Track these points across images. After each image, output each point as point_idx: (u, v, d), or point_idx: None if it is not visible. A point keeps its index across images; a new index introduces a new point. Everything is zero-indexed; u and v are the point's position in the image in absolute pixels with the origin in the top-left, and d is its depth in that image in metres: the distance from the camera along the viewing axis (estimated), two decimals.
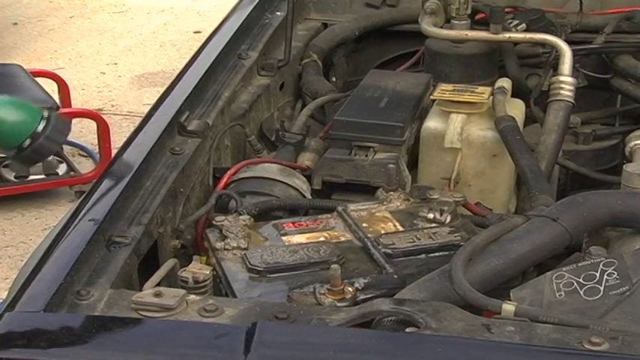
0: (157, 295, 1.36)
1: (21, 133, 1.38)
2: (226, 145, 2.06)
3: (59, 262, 1.46)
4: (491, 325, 1.30)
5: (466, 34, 2.31)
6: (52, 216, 4.15)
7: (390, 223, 1.72)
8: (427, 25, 2.32)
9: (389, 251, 1.61)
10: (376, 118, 1.98)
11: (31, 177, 4.35)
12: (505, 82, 2.09)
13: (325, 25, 2.65)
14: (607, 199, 1.60)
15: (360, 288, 1.48)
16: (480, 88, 2.04)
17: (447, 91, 2.03)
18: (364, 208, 1.77)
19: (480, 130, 1.98)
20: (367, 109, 2.03)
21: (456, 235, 1.65)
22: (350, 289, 1.46)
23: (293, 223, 1.72)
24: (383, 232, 1.68)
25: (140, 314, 1.34)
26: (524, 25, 2.32)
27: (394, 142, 1.95)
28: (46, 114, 1.40)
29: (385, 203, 1.78)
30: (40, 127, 1.39)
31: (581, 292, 1.41)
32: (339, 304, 1.44)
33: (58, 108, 4.43)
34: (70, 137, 4.80)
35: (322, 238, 1.67)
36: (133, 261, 1.54)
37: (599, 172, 2.24)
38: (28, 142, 1.38)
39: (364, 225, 1.70)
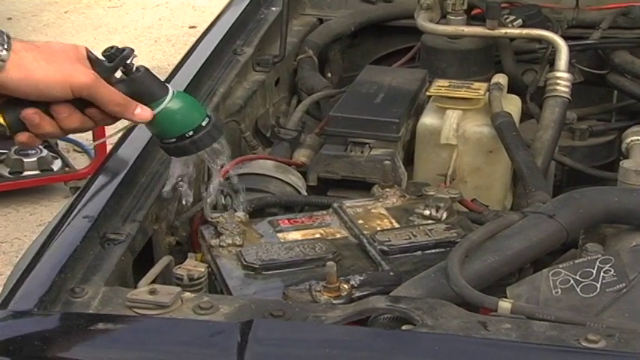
0: (152, 292, 1.35)
1: (187, 124, 1.48)
2: None
3: (53, 259, 1.45)
4: (488, 323, 1.29)
5: (462, 30, 2.30)
6: (47, 212, 4.14)
7: (385, 220, 1.71)
8: (423, 21, 2.32)
9: (385, 248, 1.60)
10: (372, 114, 1.97)
11: (26, 173, 4.35)
12: (501, 78, 2.08)
13: (321, 21, 2.65)
14: (603, 196, 1.59)
15: (355, 285, 1.47)
16: (476, 84, 2.03)
17: (443, 87, 2.02)
18: (360, 204, 1.76)
19: (476, 127, 1.98)
20: (363, 105, 2.02)
21: (452, 231, 1.65)
22: (346, 286, 1.46)
23: (288, 219, 1.72)
24: (379, 228, 1.68)
25: (134, 312, 1.34)
26: (520, 21, 2.32)
27: (390, 138, 1.94)
28: (209, 112, 1.52)
29: (381, 200, 1.78)
30: (204, 122, 1.48)
31: (578, 290, 1.40)
32: (334, 302, 1.43)
33: None
34: None
35: (318, 235, 1.67)
36: (127, 258, 1.53)
37: (595, 169, 2.24)
38: (190, 133, 1.47)
39: (360, 222, 1.70)
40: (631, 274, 1.39)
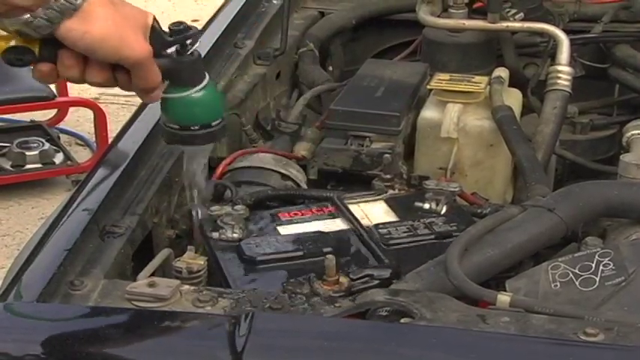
0: (151, 285, 1.36)
1: (199, 118, 1.47)
2: None
3: (53, 251, 1.45)
4: (487, 316, 1.29)
5: (463, 23, 2.30)
6: (49, 205, 4.15)
7: (385, 213, 1.71)
8: (424, 14, 2.31)
9: (384, 241, 1.60)
10: (372, 107, 1.97)
11: (28, 166, 4.35)
12: (502, 72, 2.08)
13: (322, 14, 2.64)
14: (604, 190, 1.60)
15: (354, 278, 1.47)
16: (477, 78, 2.03)
17: (444, 80, 2.02)
18: (360, 197, 1.76)
19: (477, 120, 1.97)
20: (363, 98, 2.02)
21: (451, 225, 1.65)
22: (345, 279, 1.46)
23: (288, 213, 1.72)
24: (379, 222, 1.68)
25: (134, 304, 1.34)
26: (521, 14, 2.31)
27: (390, 131, 1.94)
28: (225, 114, 1.53)
29: (381, 193, 1.78)
30: (215, 122, 1.49)
31: (577, 283, 1.41)
32: (333, 295, 1.43)
33: (54, 97, 4.43)
34: (67, 126, 4.82)
35: (318, 228, 1.67)
36: (127, 251, 1.53)
37: (596, 162, 2.23)
38: (196, 127, 1.48)
39: (360, 215, 1.70)
40: (630, 268, 1.39)
